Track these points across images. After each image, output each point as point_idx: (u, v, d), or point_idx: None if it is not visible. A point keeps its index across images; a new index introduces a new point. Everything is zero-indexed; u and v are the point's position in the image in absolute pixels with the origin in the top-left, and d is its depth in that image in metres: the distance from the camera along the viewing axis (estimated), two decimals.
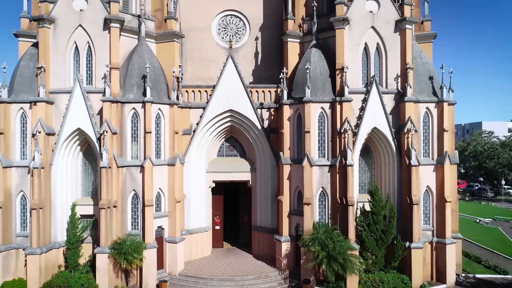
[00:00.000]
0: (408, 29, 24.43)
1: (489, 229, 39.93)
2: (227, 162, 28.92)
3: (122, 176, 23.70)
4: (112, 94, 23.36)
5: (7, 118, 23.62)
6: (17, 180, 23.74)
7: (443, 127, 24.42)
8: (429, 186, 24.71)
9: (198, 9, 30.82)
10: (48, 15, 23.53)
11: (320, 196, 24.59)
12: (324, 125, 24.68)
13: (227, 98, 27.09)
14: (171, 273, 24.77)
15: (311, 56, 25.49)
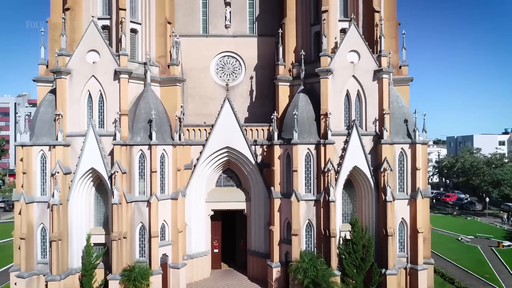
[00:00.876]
0: (385, 78, 27.48)
1: (469, 248, 42.74)
2: (225, 192, 31.92)
3: (131, 210, 26.75)
4: (122, 138, 26.43)
5: (29, 159, 26.66)
6: (38, 213, 26.82)
7: (416, 166, 27.43)
8: (404, 218, 27.72)
9: (198, 51, 33.97)
10: (65, 68, 26.63)
11: (307, 227, 27.61)
12: (310, 164, 27.72)
13: (224, 136, 30.11)
14: None
15: (299, 101, 28.56)
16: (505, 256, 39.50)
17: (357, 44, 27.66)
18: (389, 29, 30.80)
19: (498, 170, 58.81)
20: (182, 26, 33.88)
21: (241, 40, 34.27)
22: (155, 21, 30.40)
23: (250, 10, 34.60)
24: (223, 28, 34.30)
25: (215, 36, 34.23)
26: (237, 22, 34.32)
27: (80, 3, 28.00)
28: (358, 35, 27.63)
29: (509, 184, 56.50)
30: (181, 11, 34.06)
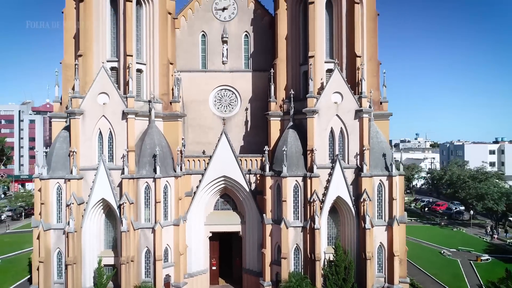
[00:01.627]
0: (365, 117, 30.63)
1: (449, 262, 45.93)
2: (222, 215, 35.12)
3: (138, 236, 29.97)
4: (129, 172, 29.64)
5: (47, 191, 29.86)
6: (54, 239, 30.03)
7: (392, 196, 30.61)
8: (382, 242, 30.92)
9: (198, 85, 37.15)
10: (78, 109, 29.81)
11: (295, 251, 30.84)
12: (298, 194, 30.94)
13: (221, 166, 33.29)
14: None
15: (288, 137, 31.75)
16: (481, 270, 42.68)
17: (340, 86, 30.81)
18: (371, 68, 33.99)
19: (482, 184, 61.88)
20: (183, 63, 37.04)
21: (237, 75, 37.43)
22: (158, 62, 33.58)
23: (245, 47, 37.72)
24: (221, 64, 37.43)
25: (213, 72, 37.38)
26: (233, 59, 37.45)
27: (91, 49, 31.12)
28: (341, 78, 30.79)
29: (492, 198, 59.56)
30: (182, 49, 37.19)
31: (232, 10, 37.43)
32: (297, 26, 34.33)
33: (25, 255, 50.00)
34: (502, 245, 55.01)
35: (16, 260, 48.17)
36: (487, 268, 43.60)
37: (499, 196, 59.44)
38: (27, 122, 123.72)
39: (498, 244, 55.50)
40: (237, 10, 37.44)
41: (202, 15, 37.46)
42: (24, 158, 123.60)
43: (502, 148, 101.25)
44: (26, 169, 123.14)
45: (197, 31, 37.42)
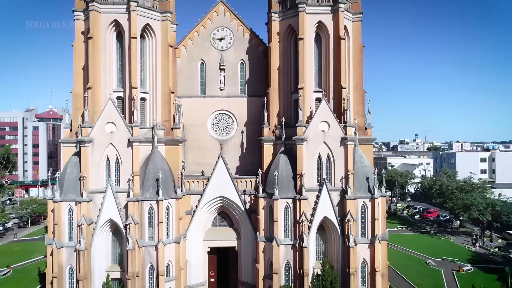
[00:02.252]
0: (349, 144, 33.54)
1: (433, 272, 48.84)
2: (219, 231, 38.03)
3: (142, 254, 32.89)
4: (134, 195, 32.57)
5: (59, 212, 32.77)
6: (66, 256, 32.95)
7: (374, 216, 33.50)
8: (365, 258, 33.83)
9: (197, 109, 40.05)
10: (88, 137, 32.72)
11: (285, 266, 33.76)
12: (289, 214, 33.86)
13: (218, 187, 36.21)
14: None
15: (280, 162, 34.66)
16: (462, 280, 45.58)
17: (327, 116, 33.72)
18: (357, 96, 36.93)
19: (469, 195, 64.77)
20: (184, 89, 39.94)
21: (234, 100, 40.32)
22: (161, 91, 36.48)
23: (241, 75, 40.62)
24: (218, 90, 40.34)
25: (211, 97, 40.27)
26: (230, 85, 40.35)
27: (99, 81, 34.02)
28: (328, 108, 33.69)
29: (477, 208, 62.48)
30: (182, 76, 40.09)
31: (229, 40, 40.34)
32: (288, 57, 37.22)
33: (34, 265, 52.91)
34: (486, 254, 57.89)
35: (26, 270, 50.93)
36: (468, 279, 46.40)
37: (484, 207, 62.39)
38: (30, 129, 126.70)
39: (482, 253, 58.41)
40: (234, 40, 40.34)
41: (201, 44, 40.36)
42: (28, 164, 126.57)
43: (493, 156, 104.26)
44: (30, 175, 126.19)
45: (196, 59, 40.33)
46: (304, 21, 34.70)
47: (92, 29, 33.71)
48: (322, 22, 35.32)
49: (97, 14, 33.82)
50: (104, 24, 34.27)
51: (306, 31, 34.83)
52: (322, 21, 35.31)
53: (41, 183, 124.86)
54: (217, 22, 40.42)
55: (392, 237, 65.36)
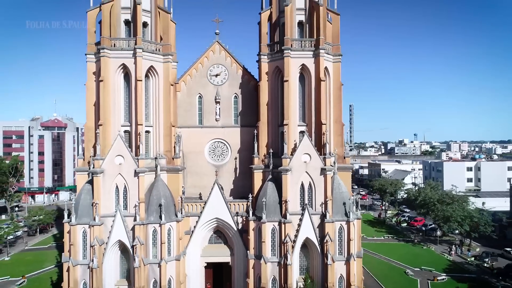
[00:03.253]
0: (328, 174, 38.31)
1: (410, 282, 53.45)
2: (215, 248, 42.80)
3: (147, 270, 37.70)
4: (140, 219, 37.36)
5: (75, 234, 37.56)
6: (81, 272, 37.77)
7: (350, 237, 38.30)
8: (342, 273, 38.63)
9: (195, 138, 44.83)
10: (99, 168, 37.50)
11: (272, 281, 38.58)
12: (275, 235, 38.65)
13: (214, 210, 40.96)
14: None
15: (267, 189, 39.45)
16: None
17: (309, 149, 38.49)
18: (336, 129, 41.70)
19: (449, 207, 69.56)
20: (183, 120, 44.71)
21: (228, 129, 45.10)
22: (163, 125, 41.27)
23: (235, 107, 45.40)
24: (214, 121, 45.11)
25: (208, 127, 45.06)
26: (224, 116, 45.13)
27: (109, 119, 38.79)
28: (309, 143, 38.48)
29: (456, 220, 67.29)
30: (182, 108, 44.86)
31: (224, 76, 45.11)
32: (276, 94, 41.98)
33: (47, 274, 57.66)
34: (462, 263, 62.63)
35: (40, 279, 55.63)
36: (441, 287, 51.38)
37: (462, 218, 67.19)
38: (36, 138, 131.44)
39: (459, 262, 63.16)
40: (228, 76, 45.12)
41: (199, 80, 45.14)
42: (34, 171, 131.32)
43: (479, 165, 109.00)
44: (36, 182, 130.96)
45: (194, 93, 45.12)
46: (289, 64, 39.48)
47: (103, 72, 38.48)
48: (305, 65, 40.09)
49: (107, 59, 38.59)
50: (113, 67, 39.04)
51: (290, 74, 39.59)
52: (305, 64, 40.07)
53: (46, 189, 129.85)
54: (213, 60, 45.20)
55: (378, 247, 70.85)
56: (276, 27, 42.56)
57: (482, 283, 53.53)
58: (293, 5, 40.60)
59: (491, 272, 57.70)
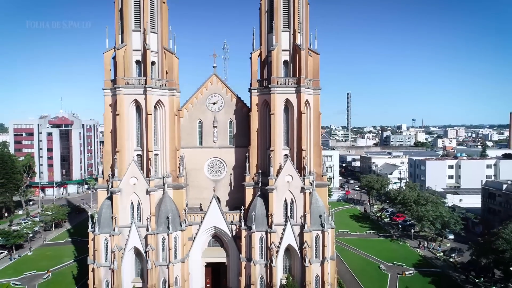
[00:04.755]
0: (307, 191, 46.18)
1: (381, 276, 61.99)
2: (213, 251, 51.07)
3: (158, 271, 46.02)
4: (151, 229, 45.46)
5: (98, 242, 45.73)
6: (104, 273, 46.09)
7: (324, 244, 46.45)
8: (318, 274, 46.94)
9: (196, 157, 52.52)
10: (117, 188, 45.37)
11: (260, 279, 46.96)
12: (263, 242, 46.81)
13: (212, 220, 48.98)
14: None
15: (257, 203, 47.42)
16: (402, 283, 58.84)
17: (291, 171, 46.26)
18: (316, 151, 49.39)
19: (423, 207, 77.84)
20: (186, 142, 52.31)
21: (224, 149, 52.75)
22: (169, 148, 48.93)
23: (230, 130, 52.92)
24: (212, 142, 52.73)
25: (207, 148, 52.71)
26: (221, 138, 52.73)
27: (124, 145, 46.40)
28: (291, 166, 46.22)
29: (428, 219, 75.68)
30: (185, 132, 52.39)
31: (220, 104, 52.51)
32: (264, 122, 49.41)
33: (67, 268, 66.22)
34: (431, 258, 71.26)
35: (62, 273, 64.21)
36: (407, 281, 59.70)
37: (434, 218, 75.55)
38: (45, 135, 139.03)
39: (429, 257, 71.75)
40: (224, 104, 52.52)
41: (199, 107, 52.57)
42: (44, 166, 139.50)
43: (459, 163, 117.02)
44: (46, 177, 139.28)
45: (195, 119, 52.60)
46: (275, 99, 46.87)
47: (119, 107, 45.93)
48: (289, 99, 47.46)
49: (122, 96, 45.98)
50: (127, 102, 46.44)
51: (276, 107, 47.02)
52: (288, 98, 47.44)
53: (56, 184, 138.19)
54: (211, 90, 52.53)
55: (359, 243, 79.36)
56: (265, 64, 49.68)
57: (445, 277, 62.13)
58: (279, 47, 47.66)
59: (454, 267, 66.31)
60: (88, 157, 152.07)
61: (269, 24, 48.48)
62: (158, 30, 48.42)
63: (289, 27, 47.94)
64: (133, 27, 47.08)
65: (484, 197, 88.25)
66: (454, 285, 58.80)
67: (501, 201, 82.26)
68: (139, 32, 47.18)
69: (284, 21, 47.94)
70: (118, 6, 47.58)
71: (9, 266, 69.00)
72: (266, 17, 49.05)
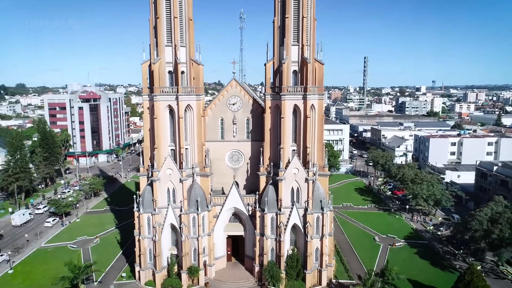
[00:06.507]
0: (310, 182, 56.22)
1: (375, 246, 72.98)
2: (233, 226, 62.59)
3: (190, 242, 57.81)
4: (184, 210, 56.86)
5: (143, 219, 57.52)
6: (147, 243, 58.21)
7: (324, 224, 57.08)
8: (318, 246, 57.99)
9: (218, 149, 62.72)
10: (156, 177, 56.36)
11: (271, 250, 58.38)
12: (274, 221, 57.78)
13: (232, 202, 60.01)
14: (210, 278, 59.88)
15: (269, 190, 57.90)
16: (391, 253, 69.75)
17: (297, 165, 56.11)
18: (319, 146, 58.82)
19: (418, 186, 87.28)
20: (210, 136, 62.30)
21: (242, 143, 62.66)
22: (196, 143, 59.13)
23: (247, 126, 62.49)
24: (232, 137, 62.58)
25: (228, 141, 62.68)
26: (240, 133, 62.47)
27: (160, 143, 56.74)
28: (298, 161, 56.00)
29: (422, 197, 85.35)
30: (209, 128, 62.24)
31: (239, 104, 61.78)
32: (276, 122, 58.64)
33: (111, 234, 79.45)
34: (422, 231, 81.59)
35: (108, 238, 77.51)
36: (396, 252, 70.53)
37: (427, 196, 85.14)
38: (76, 109, 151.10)
39: (420, 230, 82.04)
40: (242, 104, 61.76)
41: (221, 107, 62.01)
42: (76, 138, 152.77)
43: (462, 141, 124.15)
44: (79, 147, 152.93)
45: (218, 117, 62.24)
46: (285, 105, 55.84)
47: (156, 111, 55.83)
48: (297, 104, 56.33)
49: (159, 103, 55.72)
50: (162, 107, 56.24)
51: (286, 111, 56.07)
52: (296, 104, 56.29)
53: (88, 153, 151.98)
54: (231, 93, 61.64)
55: (360, 216, 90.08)
56: (277, 73, 58.07)
57: (430, 248, 72.68)
58: (289, 59, 55.86)
59: (440, 240, 76.72)
60: (115, 128, 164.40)
61: (281, 39, 56.38)
62: (186, 44, 57.07)
63: (298, 42, 55.83)
64: (166, 43, 55.84)
65: (477, 176, 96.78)
66: (436, 256, 69.35)
67: (491, 180, 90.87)
68: (170, 47, 55.96)
69: (294, 36, 55.75)
70: (152, 24, 56.09)
71: (63, 231, 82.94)
72: (279, 32, 56.86)
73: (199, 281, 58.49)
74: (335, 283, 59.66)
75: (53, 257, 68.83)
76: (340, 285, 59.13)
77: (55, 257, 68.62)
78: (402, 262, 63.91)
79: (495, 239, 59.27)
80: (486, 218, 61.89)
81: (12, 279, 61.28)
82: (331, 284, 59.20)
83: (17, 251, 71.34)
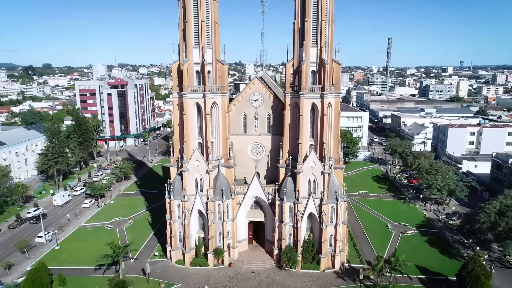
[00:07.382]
0: (326, 175, 60.89)
1: (387, 233, 77.46)
2: (254, 212, 68.34)
3: (215, 227, 64.01)
4: (210, 198, 62.77)
5: (174, 205, 63.89)
6: (177, 226, 64.84)
7: (338, 213, 61.95)
8: (332, 234, 63.07)
9: (241, 142, 67.92)
10: (185, 168, 62.24)
11: (289, 236, 63.95)
12: (292, 210, 63.06)
13: (253, 191, 65.53)
14: (233, 259, 66.24)
15: (287, 182, 62.97)
16: (402, 241, 74.14)
17: (314, 159, 60.75)
18: (335, 141, 63.13)
19: (432, 177, 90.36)
20: (234, 130, 67.41)
21: (263, 136, 67.56)
22: (221, 137, 64.46)
23: (268, 121, 67.20)
24: (254, 131, 67.53)
25: (250, 135, 67.71)
26: (261, 128, 67.32)
27: (189, 137, 62.31)
28: (315, 156, 60.58)
29: (436, 187, 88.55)
30: (233, 122, 67.30)
31: (261, 101, 66.38)
32: (295, 118, 63.04)
33: (143, 216, 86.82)
34: (434, 220, 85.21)
35: (140, 220, 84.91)
36: (407, 239, 74.84)
37: (441, 186, 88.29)
38: (105, 95, 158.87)
39: (433, 219, 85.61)
40: (264, 100, 66.33)
41: (244, 104, 66.80)
42: (106, 122, 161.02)
43: (481, 131, 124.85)
44: (108, 131, 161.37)
45: (241, 113, 67.14)
46: (303, 103, 60.09)
47: (185, 108, 61.17)
48: (314, 103, 60.50)
49: (187, 100, 60.98)
50: (191, 104, 61.52)
51: (304, 109, 60.36)
52: (314, 102, 60.45)
53: (117, 137, 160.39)
54: (254, 90, 66.21)
55: (375, 203, 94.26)
56: (297, 72, 62.11)
57: (440, 237, 76.49)
58: (307, 60, 59.70)
59: (451, 229, 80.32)
60: (141, 113, 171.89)
61: (301, 41, 60.13)
62: (212, 46, 61.64)
63: (316, 44, 59.49)
64: (193, 45, 60.58)
65: (493, 167, 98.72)
66: (445, 244, 73.26)
67: (506, 172, 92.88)
68: (198, 49, 60.67)
69: (313, 38, 59.38)
70: (181, 27, 60.77)
71: (99, 212, 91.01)
72: (298, 34, 60.56)
73: (224, 261, 64.95)
74: (347, 266, 64.90)
75: (92, 236, 76.75)
76: (352, 268, 64.29)
77: (95, 235, 76.52)
78: (412, 249, 68.45)
79: (501, 231, 62.71)
80: (494, 211, 65.15)
81: (60, 255, 69.40)
82: (343, 268, 64.50)
83: (61, 229, 79.64)
